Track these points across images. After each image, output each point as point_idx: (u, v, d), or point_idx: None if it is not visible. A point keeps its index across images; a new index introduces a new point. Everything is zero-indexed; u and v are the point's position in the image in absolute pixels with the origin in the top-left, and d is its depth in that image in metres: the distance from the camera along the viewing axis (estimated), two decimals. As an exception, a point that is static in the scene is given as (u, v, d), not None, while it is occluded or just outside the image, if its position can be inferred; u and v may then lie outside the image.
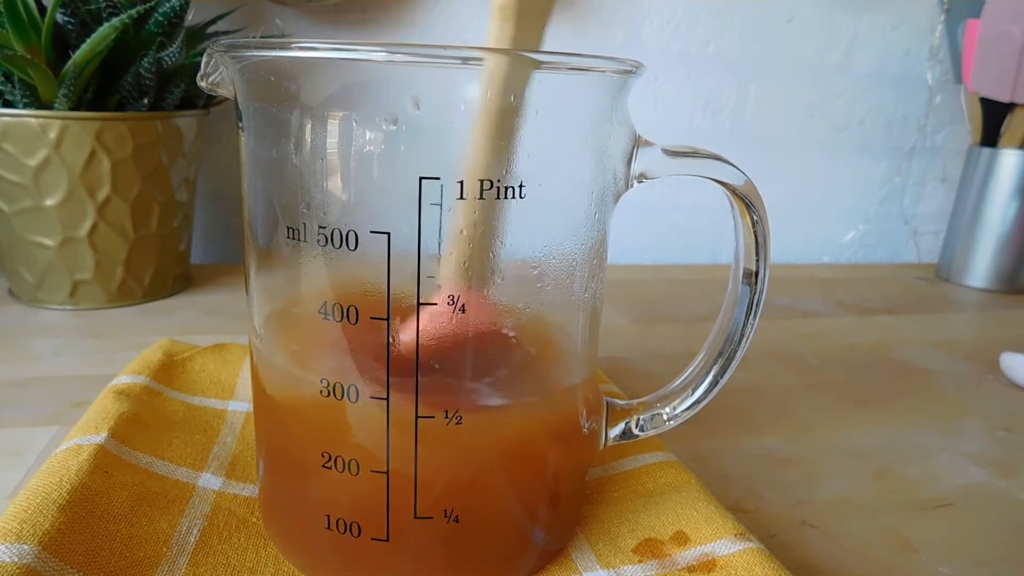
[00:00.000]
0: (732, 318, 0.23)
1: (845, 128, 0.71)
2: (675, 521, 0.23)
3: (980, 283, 0.64)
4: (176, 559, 0.20)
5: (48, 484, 0.21)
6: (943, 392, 0.40)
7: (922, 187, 0.76)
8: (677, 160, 0.21)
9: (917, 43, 0.70)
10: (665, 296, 0.56)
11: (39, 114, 0.39)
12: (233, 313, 0.45)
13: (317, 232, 0.18)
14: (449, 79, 0.17)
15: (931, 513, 0.28)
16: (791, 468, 0.30)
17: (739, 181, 0.21)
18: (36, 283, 0.44)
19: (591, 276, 0.21)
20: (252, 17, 0.54)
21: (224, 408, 0.29)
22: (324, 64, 0.17)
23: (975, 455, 0.33)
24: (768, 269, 0.23)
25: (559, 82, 0.18)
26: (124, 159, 0.42)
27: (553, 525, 0.22)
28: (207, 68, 0.19)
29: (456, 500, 0.19)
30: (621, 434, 0.24)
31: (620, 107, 0.20)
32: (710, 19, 0.64)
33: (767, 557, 0.21)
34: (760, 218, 0.22)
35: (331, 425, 0.19)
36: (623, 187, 0.21)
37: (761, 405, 0.36)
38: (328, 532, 0.20)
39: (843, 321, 0.52)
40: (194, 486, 0.24)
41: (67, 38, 0.41)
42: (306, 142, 0.17)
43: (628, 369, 0.40)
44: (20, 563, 0.18)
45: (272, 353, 0.20)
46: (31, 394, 0.32)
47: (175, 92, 0.44)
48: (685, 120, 0.66)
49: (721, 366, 0.23)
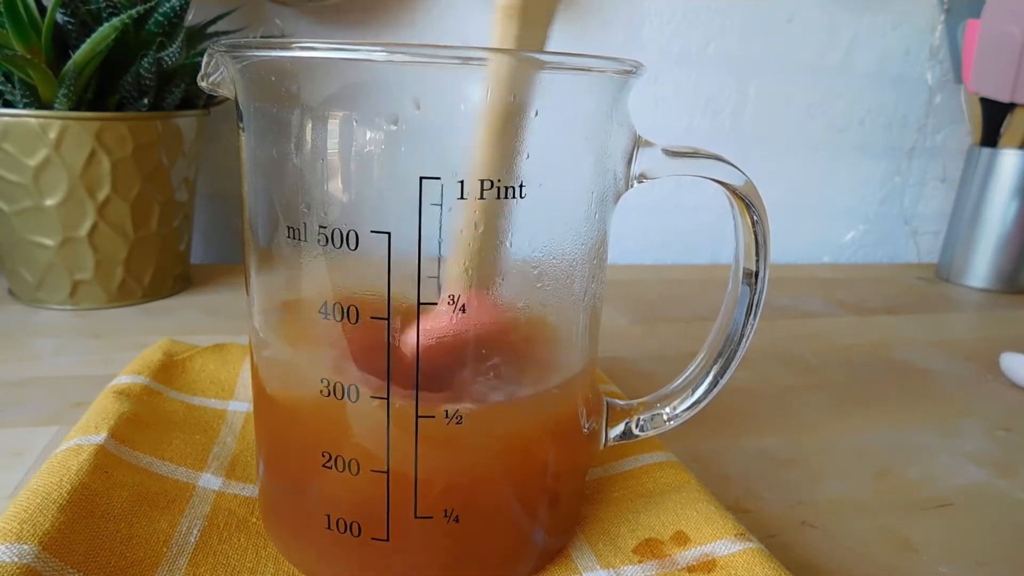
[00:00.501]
0: (732, 318, 0.23)
1: (845, 128, 0.71)
2: (675, 521, 0.23)
3: (980, 283, 0.64)
4: (176, 559, 0.20)
5: (48, 484, 0.21)
6: (943, 392, 0.40)
7: (922, 187, 0.76)
8: (677, 160, 0.21)
9: (917, 43, 0.70)
10: (665, 296, 0.56)
11: (39, 114, 0.39)
12: (233, 313, 0.45)
13: (318, 232, 0.18)
14: (450, 79, 0.17)
15: (931, 513, 0.28)
16: (791, 468, 0.30)
17: (739, 181, 0.21)
18: (36, 283, 0.44)
19: (591, 276, 0.21)
20: (252, 17, 0.54)
21: (224, 408, 0.29)
22: (324, 64, 0.17)
23: (975, 455, 0.33)
24: (768, 269, 0.23)
25: (560, 82, 0.18)
26: (124, 159, 0.42)
27: (553, 525, 0.22)
28: (208, 68, 0.19)
29: (456, 500, 0.19)
30: (621, 434, 0.24)
31: (620, 107, 0.20)
32: (710, 19, 0.64)
33: (767, 557, 0.21)
34: (760, 218, 0.22)
35: (331, 425, 0.19)
36: (623, 187, 0.21)
37: (761, 405, 0.36)
38: (328, 532, 0.20)
39: (843, 321, 0.52)
40: (194, 486, 0.24)
41: (67, 38, 0.41)
42: (307, 142, 0.17)
43: (628, 369, 0.40)
44: (20, 563, 0.18)
45: (272, 353, 0.20)
46: (31, 394, 0.32)
47: (175, 92, 0.44)
48: (685, 120, 0.66)
49: (721, 366, 0.23)
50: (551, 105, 0.18)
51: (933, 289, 0.63)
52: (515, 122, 0.17)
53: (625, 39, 0.62)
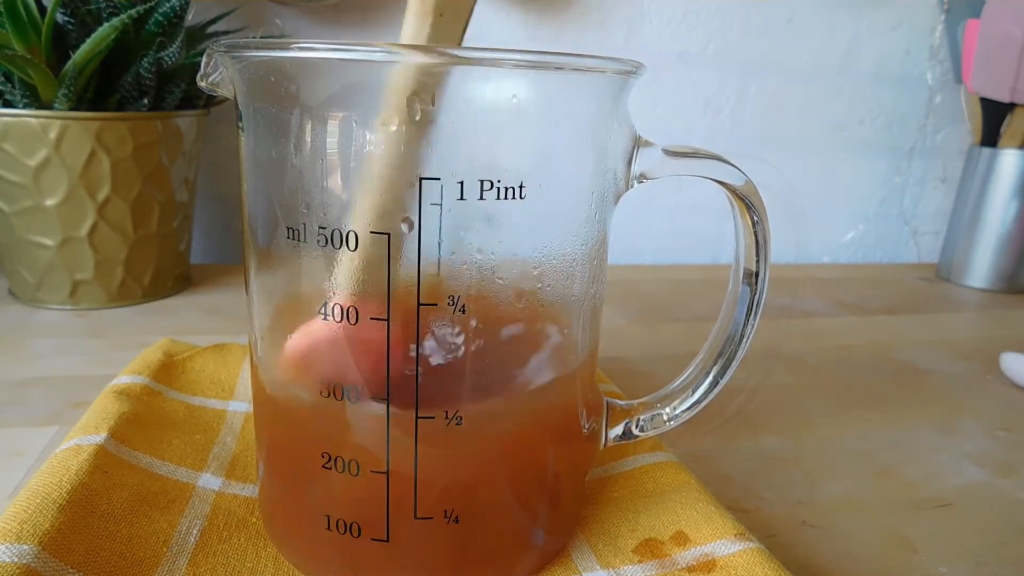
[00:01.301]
0: (732, 318, 0.23)
1: (845, 128, 0.71)
2: (675, 521, 0.23)
3: (980, 283, 0.64)
4: (176, 559, 0.20)
5: (48, 484, 0.21)
6: (943, 392, 0.40)
7: (922, 187, 0.76)
8: (677, 160, 0.21)
9: (917, 43, 0.70)
10: (665, 296, 0.56)
11: (39, 114, 0.39)
12: (233, 313, 0.45)
13: (317, 232, 0.18)
14: (451, 80, 0.17)
15: (931, 513, 0.28)
16: (791, 468, 0.30)
17: (739, 181, 0.21)
18: (36, 283, 0.44)
19: (591, 276, 0.21)
20: (252, 17, 0.54)
21: (224, 408, 0.29)
22: (324, 64, 0.17)
23: (975, 455, 0.33)
24: (768, 269, 0.23)
25: (560, 82, 0.18)
26: (124, 159, 0.42)
27: (553, 525, 0.22)
28: (207, 68, 0.19)
29: (456, 500, 0.19)
30: (621, 434, 0.24)
31: (621, 107, 0.20)
32: (710, 19, 0.64)
33: (767, 557, 0.21)
34: (760, 218, 0.22)
35: (331, 425, 0.19)
36: (623, 187, 0.21)
37: (761, 405, 0.36)
38: (328, 532, 0.20)
39: (843, 321, 0.52)
40: (194, 486, 0.24)
41: (67, 38, 0.41)
42: (306, 142, 0.17)
43: (628, 369, 0.40)
44: (20, 563, 0.18)
45: (272, 354, 0.20)
46: (31, 394, 0.32)
47: (175, 92, 0.44)
48: (685, 120, 0.66)
49: (721, 367, 0.23)
50: (552, 105, 0.18)
51: (933, 289, 0.63)
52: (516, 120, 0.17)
53: (625, 39, 0.62)
